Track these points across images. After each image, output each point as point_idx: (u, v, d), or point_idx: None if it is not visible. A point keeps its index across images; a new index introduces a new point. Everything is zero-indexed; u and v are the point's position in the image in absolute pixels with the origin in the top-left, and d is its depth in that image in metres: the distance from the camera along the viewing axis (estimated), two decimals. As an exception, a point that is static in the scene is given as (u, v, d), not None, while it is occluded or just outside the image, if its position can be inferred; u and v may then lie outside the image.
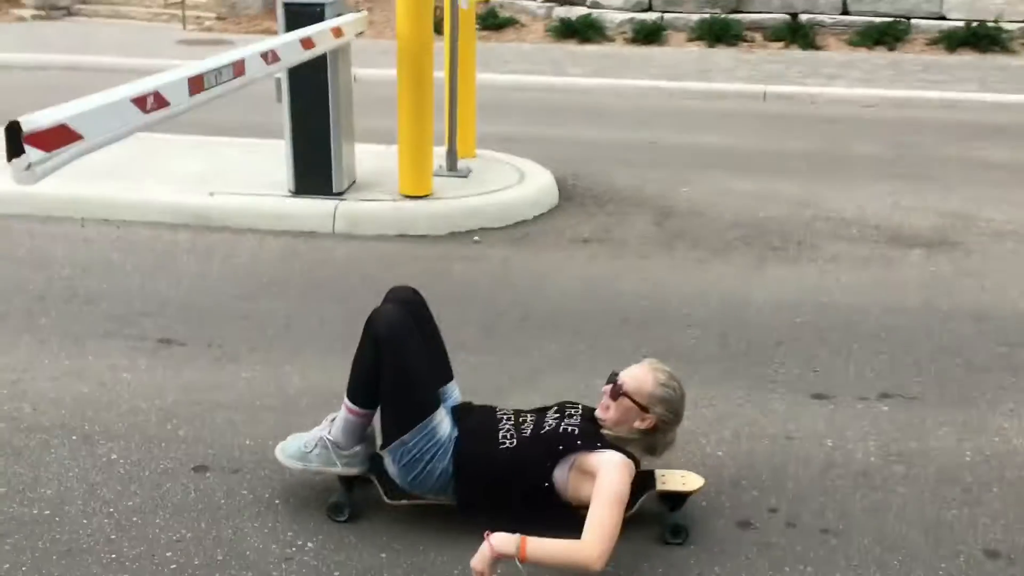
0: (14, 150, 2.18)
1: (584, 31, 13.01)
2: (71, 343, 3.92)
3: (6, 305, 4.28)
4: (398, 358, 2.70)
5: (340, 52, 5.28)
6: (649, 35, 12.87)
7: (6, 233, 5.23)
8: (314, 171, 5.54)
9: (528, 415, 2.86)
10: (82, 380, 3.60)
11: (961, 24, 12.34)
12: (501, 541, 2.40)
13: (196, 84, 2.99)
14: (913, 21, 12.71)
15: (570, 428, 2.73)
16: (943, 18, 12.57)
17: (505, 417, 2.84)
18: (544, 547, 2.41)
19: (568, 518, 2.55)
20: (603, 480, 2.54)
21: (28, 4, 14.84)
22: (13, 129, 2.18)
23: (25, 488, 2.91)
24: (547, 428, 2.75)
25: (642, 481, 2.74)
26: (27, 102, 9.39)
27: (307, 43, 4.30)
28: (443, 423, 2.75)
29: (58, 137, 2.28)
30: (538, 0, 14.12)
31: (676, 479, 2.82)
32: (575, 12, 13.48)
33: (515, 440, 2.72)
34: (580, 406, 2.89)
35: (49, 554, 2.61)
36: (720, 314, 4.34)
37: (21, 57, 11.38)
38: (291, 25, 5.01)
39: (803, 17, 12.93)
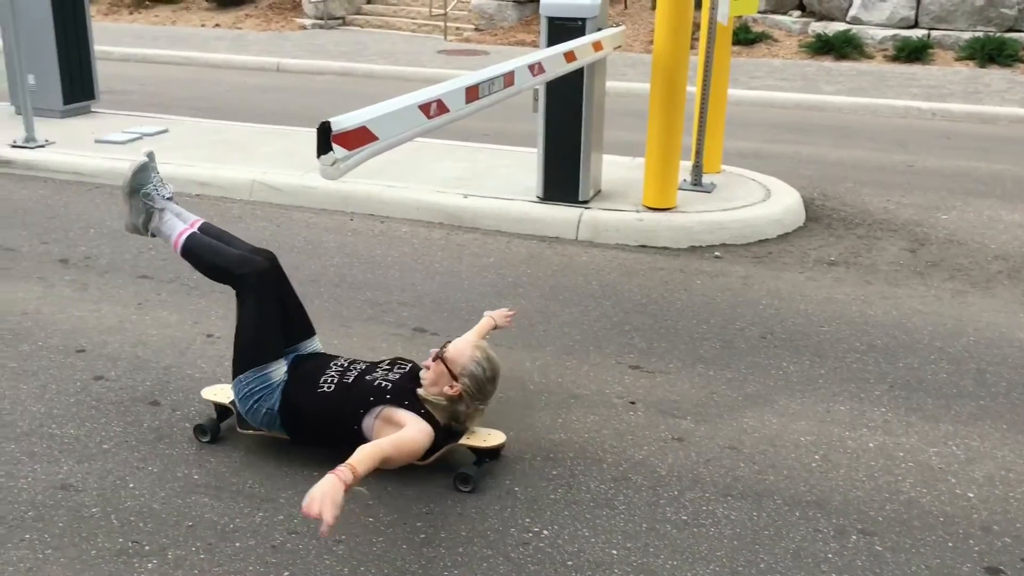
0: (323, 147, 2.46)
1: (841, 47, 12.54)
2: (338, 324, 4.30)
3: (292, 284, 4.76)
4: (255, 310, 3.13)
5: (596, 65, 5.44)
6: (913, 53, 12.21)
7: (287, 223, 5.81)
8: (562, 179, 5.73)
9: (359, 365, 3.17)
10: (347, 359, 3.95)
11: None
12: (340, 478, 2.49)
13: (472, 93, 3.22)
14: None
15: (384, 383, 3.05)
16: None
17: (336, 365, 3.18)
18: (364, 460, 2.61)
19: None
20: (407, 432, 2.87)
21: (309, 14, 16.25)
22: (324, 129, 2.46)
23: (297, 451, 3.24)
24: (367, 379, 3.07)
25: (448, 434, 3.05)
26: (307, 104, 10.30)
27: (569, 56, 4.48)
28: (278, 370, 3.14)
29: (359, 137, 2.55)
30: (793, 15, 13.77)
31: (481, 436, 3.11)
32: (832, 28, 13.02)
33: (334, 386, 3.07)
34: (410, 364, 3.20)
35: (316, 510, 2.91)
36: (977, 350, 4.10)
37: (301, 63, 12.49)
38: (553, 38, 5.23)
39: (1093, 36, 11.80)
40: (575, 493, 3.01)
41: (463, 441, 3.09)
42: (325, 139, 2.45)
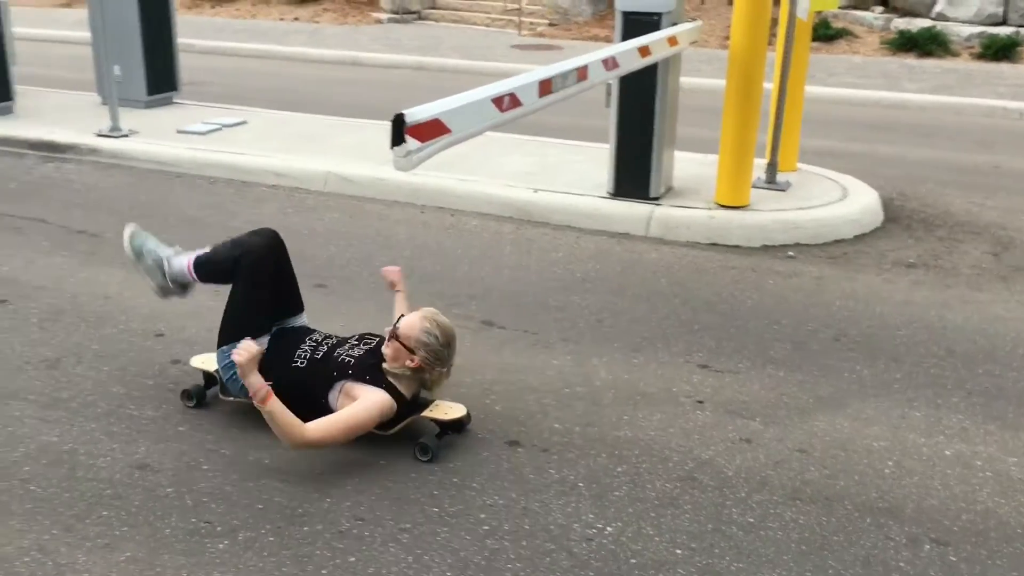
0: (397, 139, 2.49)
1: (925, 44, 12.21)
2: (407, 316, 4.33)
3: (357, 277, 4.82)
4: (246, 289, 3.33)
5: (671, 60, 5.38)
6: (1001, 51, 11.82)
7: (360, 214, 5.88)
8: (633, 175, 5.69)
9: (331, 340, 3.34)
10: (415, 350, 3.98)
11: None
12: (258, 382, 2.90)
13: (545, 87, 3.22)
14: None
15: (348, 359, 3.21)
16: None
17: (310, 340, 3.35)
18: (282, 412, 2.91)
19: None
20: (358, 405, 3.07)
21: (385, 8, 16.41)
22: (398, 121, 2.49)
23: (365, 438, 3.27)
24: (334, 355, 3.25)
25: (413, 405, 3.22)
26: (381, 97, 10.39)
27: (644, 51, 4.44)
28: (260, 344, 3.26)
29: (432, 130, 2.56)
30: (875, 11, 13.44)
31: (443, 409, 3.26)
32: (916, 24, 12.68)
33: (306, 361, 3.26)
34: (377, 339, 3.32)
35: (382, 499, 2.94)
36: (1063, 359, 3.95)
37: (376, 56, 12.63)
38: (628, 33, 5.20)
39: None
40: (640, 491, 2.99)
41: (426, 414, 3.25)
42: (399, 131, 2.48)
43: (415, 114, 2.52)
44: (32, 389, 3.58)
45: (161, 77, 8.27)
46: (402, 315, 3.28)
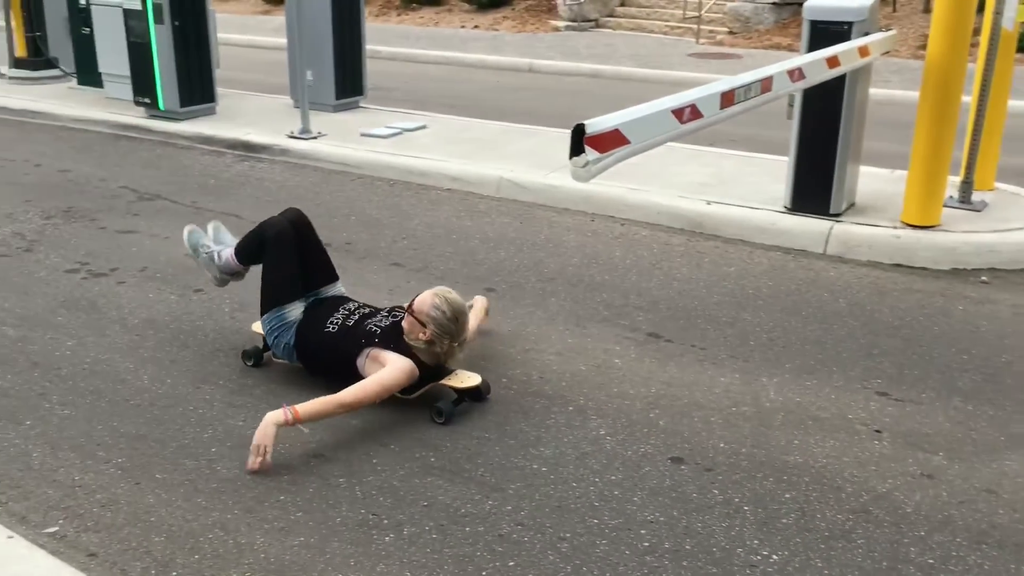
0: (576, 149, 2.50)
1: None
2: (574, 324, 4.35)
3: (525, 283, 4.87)
4: (273, 261, 3.71)
5: (860, 71, 5.15)
6: None
7: (530, 220, 5.95)
8: (813, 190, 5.48)
9: (363, 310, 3.68)
10: (581, 358, 3.99)
11: None
12: (273, 414, 3.14)
13: (727, 98, 3.15)
14: None
15: (376, 328, 3.54)
16: None
17: (344, 308, 3.68)
18: (311, 405, 3.19)
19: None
20: (385, 371, 3.38)
21: (563, 16, 16.54)
22: (578, 131, 2.49)
23: (528, 444, 3.31)
24: (363, 324, 3.57)
25: (436, 373, 3.52)
26: (555, 104, 10.44)
27: (832, 62, 4.27)
28: (295, 311, 3.70)
29: (611, 140, 2.56)
30: (1091, 18, 12.39)
31: (461, 378, 3.54)
32: None
33: (337, 328, 3.59)
34: (404, 313, 3.54)
35: (543, 507, 2.95)
36: None
37: (552, 64, 12.74)
38: (815, 42, 5.01)
39: None
40: (809, 520, 2.88)
41: (445, 382, 3.54)
42: (578, 141, 2.48)
43: (595, 125, 2.52)
44: (222, 375, 3.82)
45: (349, 82, 8.64)
46: (418, 294, 3.52)
